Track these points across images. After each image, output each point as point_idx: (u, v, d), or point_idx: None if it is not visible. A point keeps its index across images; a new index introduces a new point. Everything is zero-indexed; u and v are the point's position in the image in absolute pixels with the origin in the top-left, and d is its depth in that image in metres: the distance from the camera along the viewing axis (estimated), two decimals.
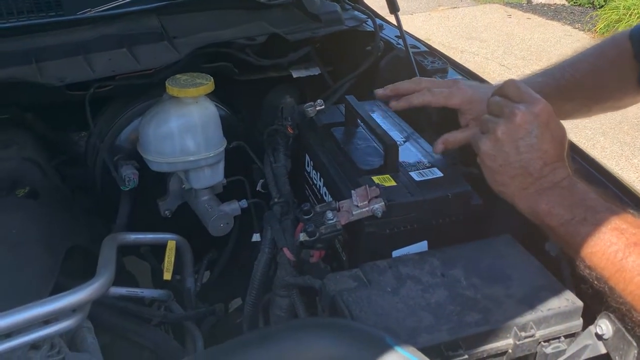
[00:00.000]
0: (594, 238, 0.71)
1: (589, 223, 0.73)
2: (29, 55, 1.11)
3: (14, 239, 0.89)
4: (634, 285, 0.68)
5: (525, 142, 0.77)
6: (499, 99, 0.82)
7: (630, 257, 0.69)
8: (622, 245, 0.70)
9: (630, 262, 0.68)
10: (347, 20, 1.41)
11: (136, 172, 1.17)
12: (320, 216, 0.92)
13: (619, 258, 0.69)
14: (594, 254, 0.71)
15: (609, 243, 0.70)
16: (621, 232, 0.71)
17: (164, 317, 1.11)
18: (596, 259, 0.71)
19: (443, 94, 1.02)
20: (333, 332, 0.60)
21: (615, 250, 0.70)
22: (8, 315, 0.70)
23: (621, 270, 0.69)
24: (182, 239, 1.16)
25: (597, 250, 0.71)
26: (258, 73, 1.38)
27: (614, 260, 0.70)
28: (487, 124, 0.82)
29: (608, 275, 0.70)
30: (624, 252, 0.69)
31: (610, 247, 0.70)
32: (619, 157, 3.55)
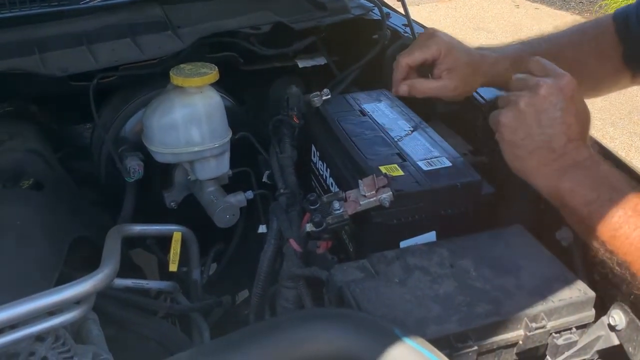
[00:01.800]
0: (619, 220, 0.67)
1: (615, 204, 0.68)
2: (31, 46, 1.10)
3: (19, 230, 0.88)
4: None
5: (550, 115, 0.74)
6: (522, 75, 0.79)
7: None
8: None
9: None
10: (353, 9, 1.39)
11: (141, 164, 1.16)
12: (326, 206, 0.91)
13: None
14: (617, 237, 0.67)
15: (634, 226, 0.66)
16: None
17: (170, 308, 1.11)
18: (619, 242, 0.67)
19: (417, 46, 0.98)
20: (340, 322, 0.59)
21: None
22: (12, 307, 0.69)
23: None
24: (188, 231, 1.15)
25: (621, 233, 0.67)
26: (263, 63, 1.36)
27: (638, 244, 0.66)
28: (508, 98, 0.78)
29: (631, 260, 0.66)
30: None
31: (636, 230, 0.66)
32: (628, 148, 3.52)
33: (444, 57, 0.97)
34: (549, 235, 0.90)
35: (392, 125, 1.10)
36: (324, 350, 0.58)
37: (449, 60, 0.97)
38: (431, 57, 0.98)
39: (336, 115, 1.13)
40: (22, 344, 0.72)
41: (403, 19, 1.43)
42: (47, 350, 0.73)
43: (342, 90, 1.38)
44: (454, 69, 0.97)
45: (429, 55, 0.97)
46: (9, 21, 1.13)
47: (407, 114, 1.14)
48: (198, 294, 1.20)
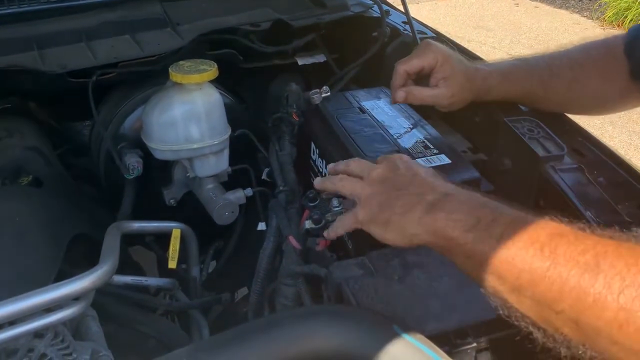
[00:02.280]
0: (513, 238, 0.57)
1: (501, 223, 0.59)
2: (30, 42, 1.10)
3: (18, 226, 0.88)
4: (572, 280, 0.52)
5: (392, 177, 0.73)
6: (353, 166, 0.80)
7: (559, 248, 0.55)
8: (547, 237, 0.56)
9: (560, 254, 0.54)
10: (352, 6, 1.39)
11: (140, 161, 1.16)
12: (325, 203, 0.91)
13: (548, 252, 0.55)
14: (516, 256, 0.57)
15: (531, 239, 0.57)
16: (540, 226, 0.58)
17: (169, 305, 1.11)
18: (519, 261, 0.56)
19: (415, 54, 1.01)
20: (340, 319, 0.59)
21: (541, 245, 0.56)
22: (11, 303, 0.69)
23: (554, 266, 0.54)
24: (187, 228, 1.15)
25: (518, 250, 0.57)
26: (262, 60, 1.36)
27: (541, 256, 0.55)
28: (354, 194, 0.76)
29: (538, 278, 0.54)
30: (549, 245, 0.55)
31: (534, 243, 0.56)
32: (627, 147, 3.52)
33: (440, 65, 0.99)
34: None
35: (391, 122, 1.10)
36: (323, 347, 0.58)
37: (445, 68, 0.99)
38: (428, 65, 1.00)
39: (335, 113, 1.13)
40: (21, 340, 0.72)
41: (403, 16, 1.43)
42: (46, 347, 0.73)
43: (341, 87, 1.38)
44: (449, 78, 0.99)
45: (426, 63, 1.00)
46: (8, 18, 1.12)
47: (406, 111, 1.14)
48: (197, 291, 1.20)
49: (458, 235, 0.62)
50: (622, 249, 0.52)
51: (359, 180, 0.77)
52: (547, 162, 0.92)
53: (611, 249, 0.52)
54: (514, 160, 0.99)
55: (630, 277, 0.49)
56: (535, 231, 0.57)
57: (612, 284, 0.50)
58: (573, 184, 0.88)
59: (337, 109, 1.14)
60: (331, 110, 1.14)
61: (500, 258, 0.57)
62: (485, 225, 0.60)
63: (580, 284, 0.51)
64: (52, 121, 1.38)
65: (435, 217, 0.65)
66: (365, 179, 0.76)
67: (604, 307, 0.49)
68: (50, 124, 1.37)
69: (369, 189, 0.74)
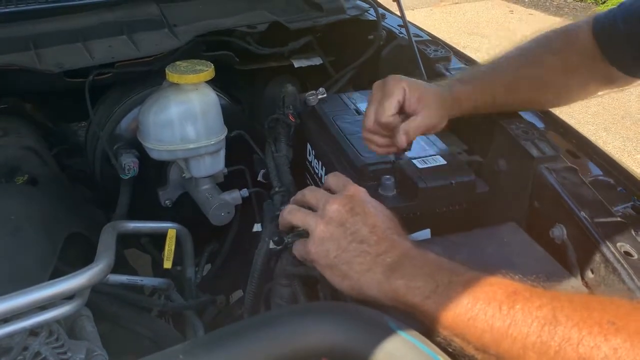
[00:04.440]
0: (471, 298, 0.59)
1: (459, 284, 0.60)
2: (27, 42, 1.10)
3: (13, 224, 0.87)
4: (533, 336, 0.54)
5: (350, 222, 0.70)
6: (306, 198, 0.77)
7: (517, 304, 0.56)
8: (504, 295, 0.57)
9: (518, 311, 0.56)
10: (349, 9, 1.40)
11: (136, 161, 1.16)
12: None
13: (506, 310, 0.56)
14: (476, 316, 0.58)
15: (488, 298, 0.58)
16: (496, 285, 0.59)
17: (164, 306, 1.10)
18: (480, 321, 0.57)
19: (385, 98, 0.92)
20: (335, 315, 0.59)
21: (499, 303, 0.57)
22: (6, 300, 0.69)
23: (514, 324, 0.55)
24: (183, 228, 1.15)
25: (478, 311, 0.58)
26: (259, 62, 1.37)
27: (500, 315, 0.56)
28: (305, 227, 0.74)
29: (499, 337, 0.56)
30: (507, 303, 0.57)
31: (492, 301, 0.57)
32: (621, 152, 3.54)
33: (409, 91, 0.92)
34: (543, 232, 0.90)
35: None
36: (318, 343, 0.58)
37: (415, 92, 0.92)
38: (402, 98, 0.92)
39: (332, 114, 1.13)
40: (16, 338, 0.72)
41: (398, 19, 1.44)
42: (41, 345, 0.73)
43: (337, 90, 1.39)
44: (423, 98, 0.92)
45: (399, 97, 0.91)
46: (4, 17, 1.12)
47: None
48: (192, 292, 1.20)
49: (418, 302, 0.63)
50: (576, 302, 0.55)
51: (312, 214, 0.74)
52: (541, 163, 0.93)
53: (566, 303, 0.55)
54: (509, 161, 0.99)
55: (586, 327, 0.52)
56: (491, 290, 0.59)
57: (571, 336, 0.52)
58: (567, 185, 0.88)
59: (334, 111, 1.15)
60: (327, 111, 1.14)
61: (462, 321, 0.59)
62: (443, 289, 0.61)
63: (541, 338, 0.54)
64: (47, 122, 1.38)
65: (395, 284, 0.65)
66: (320, 211, 0.73)
67: (565, 357, 0.52)
68: (46, 124, 1.37)
69: (323, 227, 0.71)
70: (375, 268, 0.67)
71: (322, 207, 0.73)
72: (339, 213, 0.71)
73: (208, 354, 0.56)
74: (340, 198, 0.73)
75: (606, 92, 1.02)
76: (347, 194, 0.73)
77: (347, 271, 0.69)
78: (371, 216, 0.71)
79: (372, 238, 0.69)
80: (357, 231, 0.69)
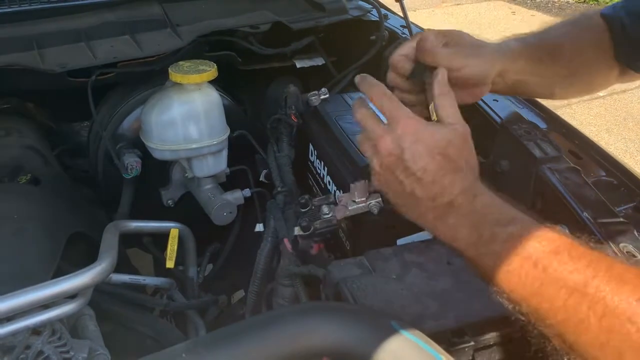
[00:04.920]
0: (509, 254, 0.60)
1: (499, 239, 0.61)
2: (30, 41, 1.10)
3: (16, 223, 0.88)
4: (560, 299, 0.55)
5: (402, 168, 0.68)
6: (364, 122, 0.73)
7: (551, 267, 0.57)
8: (541, 255, 0.58)
9: (552, 273, 0.57)
10: (351, 10, 1.40)
11: (139, 160, 1.16)
12: (316, 210, 0.91)
13: (540, 270, 0.57)
14: (513, 271, 0.59)
15: (525, 256, 0.59)
16: (537, 241, 0.60)
17: (167, 305, 1.10)
18: (515, 276, 0.59)
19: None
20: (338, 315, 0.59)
21: (534, 262, 0.58)
22: (9, 298, 0.69)
23: (545, 285, 0.57)
24: (185, 228, 1.15)
25: (515, 267, 0.59)
26: (261, 63, 1.37)
27: (534, 274, 0.58)
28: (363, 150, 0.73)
29: (531, 294, 0.58)
30: (542, 262, 0.58)
31: (528, 260, 0.59)
32: (623, 154, 3.53)
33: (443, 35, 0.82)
34: None
35: None
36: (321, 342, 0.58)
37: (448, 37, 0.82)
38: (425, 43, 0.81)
39: (334, 114, 1.13)
40: (19, 337, 0.72)
41: (401, 20, 1.44)
42: (44, 344, 0.73)
43: (339, 90, 1.38)
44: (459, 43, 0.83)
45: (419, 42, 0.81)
46: (8, 17, 1.13)
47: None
48: (194, 292, 1.20)
49: (462, 248, 0.65)
50: (613, 272, 0.54)
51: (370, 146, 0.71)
52: (544, 163, 0.92)
53: (602, 272, 0.54)
54: (512, 162, 0.99)
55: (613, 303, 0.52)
56: (531, 247, 0.59)
57: (596, 308, 0.53)
58: (570, 186, 0.88)
59: (336, 111, 1.14)
60: (330, 112, 1.14)
61: (499, 273, 0.60)
62: (485, 241, 0.63)
63: (566, 305, 0.54)
64: (50, 121, 1.38)
65: (442, 231, 0.67)
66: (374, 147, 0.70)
67: (587, 329, 0.53)
68: (48, 124, 1.37)
69: (378, 168, 0.70)
70: (428, 214, 0.68)
71: (375, 141, 0.70)
72: (389, 158, 0.69)
73: (210, 353, 0.56)
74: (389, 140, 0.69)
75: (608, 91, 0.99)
76: (396, 133, 0.69)
77: (406, 212, 0.71)
78: (420, 158, 0.67)
79: (421, 185, 0.67)
80: (408, 176, 0.68)
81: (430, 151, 0.68)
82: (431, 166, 0.67)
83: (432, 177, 0.67)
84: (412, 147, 0.68)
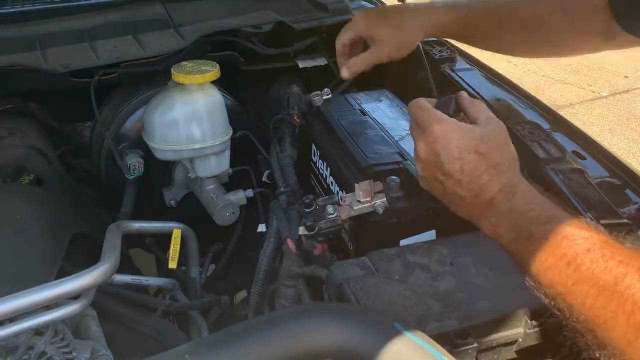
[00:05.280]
0: (545, 252, 0.63)
1: (536, 238, 0.64)
2: (33, 42, 1.10)
3: (19, 224, 0.88)
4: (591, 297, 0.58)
5: (441, 171, 0.71)
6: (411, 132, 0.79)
7: (583, 266, 0.59)
8: (574, 254, 0.61)
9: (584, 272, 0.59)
10: (354, 10, 1.40)
11: (141, 161, 1.16)
12: (320, 210, 0.91)
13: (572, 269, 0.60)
14: (548, 269, 0.62)
15: (560, 255, 0.62)
16: (571, 240, 0.62)
17: (169, 306, 1.10)
18: (550, 274, 0.62)
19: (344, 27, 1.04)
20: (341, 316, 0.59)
21: (568, 261, 0.61)
22: (12, 299, 0.69)
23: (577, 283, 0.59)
24: (188, 228, 1.15)
25: (549, 265, 0.62)
26: (264, 63, 1.37)
27: (567, 272, 0.60)
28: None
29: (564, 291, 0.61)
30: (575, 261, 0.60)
31: (562, 259, 0.61)
32: (626, 154, 3.53)
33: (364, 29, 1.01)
34: None
35: (392, 124, 1.10)
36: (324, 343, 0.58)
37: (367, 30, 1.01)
38: (356, 34, 1.02)
39: (337, 115, 1.13)
40: (21, 337, 0.72)
41: None
42: (46, 345, 0.73)
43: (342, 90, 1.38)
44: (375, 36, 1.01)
45: (353, 33, 1.02)
46: (11, 17, 1.13)
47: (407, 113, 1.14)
48: (197, 292, 1.20)
49: (502, 244, 0.69)
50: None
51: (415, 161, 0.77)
52: (547, 164, 0.92)
53: (632, 270, 0.56)
54: None
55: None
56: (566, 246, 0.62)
57: (625, 306, 0.55)
58: (573, 186, 0.88)
59: (339, 111, 1.14)
60: (332, 112, 1.14)
61: (535, 270, 0.64)
62: (524, 240, 0.65)
63: (596, 303, 0.57)
64: (53, 122, 1.38)
65: (484, 227, 0.71)
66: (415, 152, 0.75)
67: (615, 326, 0.55)
68: (51, 124, 1.37)
69: (421, 173, 0.75)
70: (473, 210, 0.71)
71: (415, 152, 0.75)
72: (428, 163, 0.73)
73: (213, 354, 0.56)
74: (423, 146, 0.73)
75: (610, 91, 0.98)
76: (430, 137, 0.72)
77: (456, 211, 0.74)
78: (455, 160, 0.70)
79: (460, 185, 0.70)
80: (448, 179, 0.71)
81: (464, 151, 0.70)
82: (467, 166, 0.70)
83: (470, 176, 0.70)
84: (446, 150, 0.70)
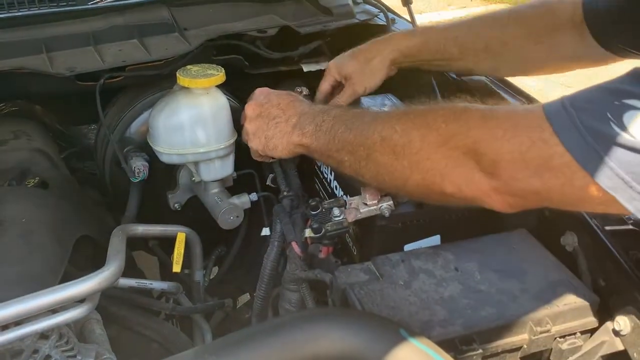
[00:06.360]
0: (334, 128, 0.85)
1: (327, 121, 0.87)
2: (39, 45, 1.10)
3: (24, 227, 0.88)
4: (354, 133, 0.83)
5: (265, 112, 0.98)
6: None
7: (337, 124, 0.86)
8: (332, 119, 0.87)
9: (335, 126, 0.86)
10: (358, 14, 1.40)
11: (146, 164, 1.16)
12: (327, 213, 0.91)
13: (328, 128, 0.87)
14: (336, 137, 0.85)
15: (329, 123, 0.87)
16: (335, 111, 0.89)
17: (173, 309, 1.10)
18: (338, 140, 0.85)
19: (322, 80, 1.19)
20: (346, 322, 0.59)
21: (331, 124, 0.86)
22: (18, 303, 0.69)
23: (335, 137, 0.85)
24: (192, 232, 1.15)
25: (337, 135, 0.85)
26: (268, 66, 1.37)
27: (325, 130, 0.86)
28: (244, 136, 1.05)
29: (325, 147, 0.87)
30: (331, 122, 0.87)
31: (329, 125, 0.87)
32: None
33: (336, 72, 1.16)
34: (554, 240, 0.90)
35: None
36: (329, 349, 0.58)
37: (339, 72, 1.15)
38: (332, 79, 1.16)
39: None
40: (27, 341, 0.72)
41: (408, 24, 1.44)
42: (51, 349, 0.73)
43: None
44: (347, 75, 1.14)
45: (330, 79, 1.17)
46: (17, 20, 1.13)
47: None
48: (200, 296, 1.20)
49: (309, 143, 0.90)
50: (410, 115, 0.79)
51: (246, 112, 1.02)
52: None
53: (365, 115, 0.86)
54: None
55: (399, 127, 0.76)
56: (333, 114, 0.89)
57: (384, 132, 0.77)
58: None
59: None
60: None
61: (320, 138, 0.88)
62: (321, 127, 0.88)
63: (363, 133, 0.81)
64: (58, 125, 1.38)
65: (296, 134, 0.92)
66: (246, 118, 1.01)
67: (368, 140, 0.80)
68: (56, 127, 1.37)
69: (249, 125, 1.00)
70: (286, 129, 0.94)
71: (244, 112, 1.03)
72: (253, 109, 1.00)
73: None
74: (253, 103, 1.01)
75: None
76: (254, 96, 1.03)
77: (268, 138, 0.97)
78: (274, 98, 1.00)
79: (280, 111, 0.97)
80: (270, 113, 0.97)
81: (280, 94, 1.01)
82: (283, 100, 0.98)
83: (287, 105, 0.96)
84: (267, 95, 1.01)
